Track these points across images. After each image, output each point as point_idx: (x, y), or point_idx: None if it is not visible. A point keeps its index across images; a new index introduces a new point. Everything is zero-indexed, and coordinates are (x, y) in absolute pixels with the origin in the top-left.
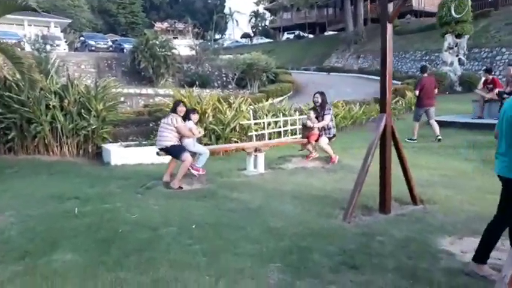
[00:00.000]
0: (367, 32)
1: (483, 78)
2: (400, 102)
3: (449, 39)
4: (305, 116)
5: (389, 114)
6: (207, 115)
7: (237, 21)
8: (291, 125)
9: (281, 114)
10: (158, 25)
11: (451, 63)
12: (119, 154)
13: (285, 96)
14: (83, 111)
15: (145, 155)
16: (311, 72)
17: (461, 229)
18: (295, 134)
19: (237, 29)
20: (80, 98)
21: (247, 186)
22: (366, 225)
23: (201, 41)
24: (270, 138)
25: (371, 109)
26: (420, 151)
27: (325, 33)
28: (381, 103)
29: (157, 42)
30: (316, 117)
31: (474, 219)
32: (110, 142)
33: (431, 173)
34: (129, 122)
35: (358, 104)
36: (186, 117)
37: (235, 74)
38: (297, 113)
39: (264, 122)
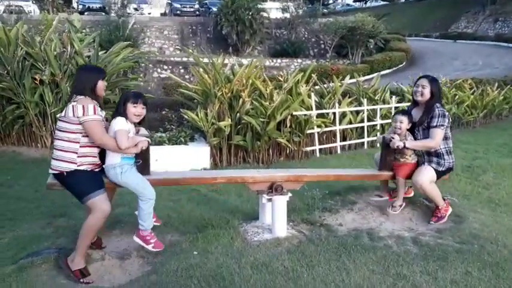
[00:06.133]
0: None
1: None
2: None
3: None
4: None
5: None
6: (241, 101)
7: None
8: (383, 117)
9: (366, 98)
10: None
11: None
12: None
13: (393, 69)
14: None
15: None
16: (432, 39)
17: None
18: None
19: None
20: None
21: None
22: None
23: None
24: (344, 139)
25: None
26: None
27: None
28: None
29: (244, 3)
30: (411, 130)
31: None
32: None
33: None
34: (158, 104)
35: (496, 84)
36: (119, 108)
37: (333, 40)
38: (394, 98)
39: (334, 113)
